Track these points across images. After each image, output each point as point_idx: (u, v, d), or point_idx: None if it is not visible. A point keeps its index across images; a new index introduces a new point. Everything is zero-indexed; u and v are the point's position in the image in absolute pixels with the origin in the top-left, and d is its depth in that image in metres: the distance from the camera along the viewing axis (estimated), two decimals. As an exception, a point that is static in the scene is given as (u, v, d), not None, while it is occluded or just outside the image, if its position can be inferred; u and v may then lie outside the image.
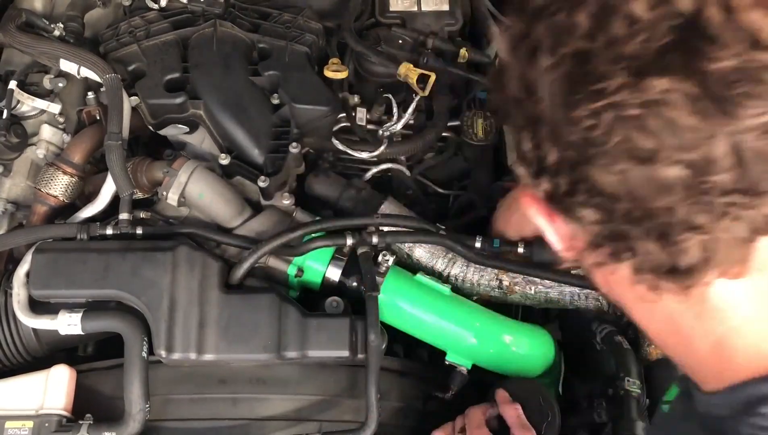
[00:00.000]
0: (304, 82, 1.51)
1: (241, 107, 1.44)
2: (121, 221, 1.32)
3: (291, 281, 1.36)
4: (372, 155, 1.58)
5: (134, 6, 1.58)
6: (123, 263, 1.24)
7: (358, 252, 1.32)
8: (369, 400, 1.18)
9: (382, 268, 1.34)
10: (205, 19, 1.55)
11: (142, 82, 1.46)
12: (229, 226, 1.38)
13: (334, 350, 1.23)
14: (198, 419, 1.25)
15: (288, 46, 1.53)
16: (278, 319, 1.23)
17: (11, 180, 1.46)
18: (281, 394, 1.26)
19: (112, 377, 1.26)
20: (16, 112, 1.47)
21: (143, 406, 1.18)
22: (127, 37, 1.51)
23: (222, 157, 1.38)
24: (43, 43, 1.46)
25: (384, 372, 1.26)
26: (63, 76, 1.51)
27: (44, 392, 1.21)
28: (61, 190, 1.39)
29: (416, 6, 1.72)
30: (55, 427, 1.18)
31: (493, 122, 1.62)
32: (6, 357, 1.30)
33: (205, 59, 1.48)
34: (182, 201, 1.37)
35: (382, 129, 1.60)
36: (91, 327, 1.23)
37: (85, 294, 1.25)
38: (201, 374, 1.27)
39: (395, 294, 1.34)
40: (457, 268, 1.42)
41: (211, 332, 1.21)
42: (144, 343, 1.21)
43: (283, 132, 1.47)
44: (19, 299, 1.26)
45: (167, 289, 1.22)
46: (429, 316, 1.34)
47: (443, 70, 1.63)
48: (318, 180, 1.52)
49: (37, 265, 1.25)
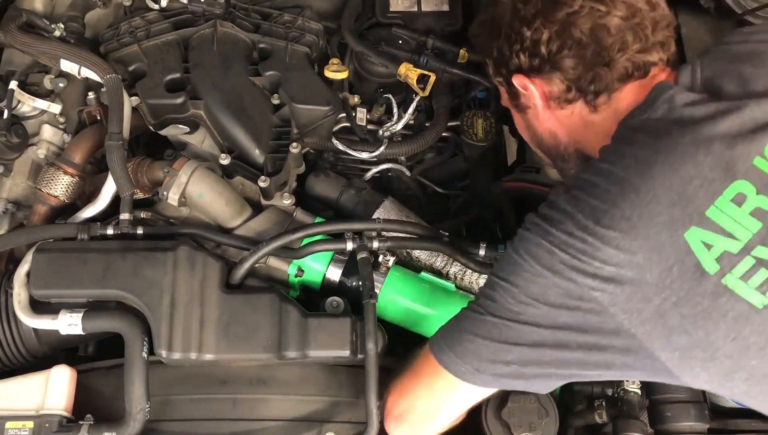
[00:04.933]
0: (305, 82, 1.51)
1: (242, 107, 1.45)
2: (121, 221, 1.32)
3: (291, 281, 1.36)
4: (372, 155, 1.58)
5: (135, 6, 1.58)
6: (123, 263, 1.24)
7: (358, 257, 1.32)
8: (369, 406, 1.19)
9: (383, 269, 1.35)
10: (205, 19, 1.55)
11: (142, 83, 1.46)
12: (230, 226, 1.38)
13: (334, 350, 1.23)
14: (198, 419, 1.25)
15: (288, 47, 1.54)
16: (278, 319, 1.23)
17: (12, 180, 1.46)
18: (281, 395, 1.27)
19: (112, 377, 1.26)
20: (16, 112, 1.47)
21: (144, 406, 1.18)
22: (128, 37, 1.51)
23: (222, 157, 1.38)
24: (43, 44, 1.46)
25: (384, 372, 1.26)
26: (63, 76, 1.51)
27: (44, 392, 1.21)
28: (62, 190, 1.39)
29: (416, 6, 1.72)
30: (56, 427, 1.18)
31: (493, 122, 1.62)
32: (6, 357, 1.30)
33: (206, 59, 1.48)
34: (183, 201, 1.37)
35: (382, 129, 1.60)
36: (91, 327, 1.23)
37: (86, 294, 1.25)
38: (201, 374, 1.27)
39: (399, 291, 1.34)
40: (456, 267, 1.42)
41: (211, 332, 1.22)
42: (144, 343, 1.21)
43: (284, 132, 1.47)
44: (20, 299, 1.26)
45: (168, 289, 1.23)
46: (434, 311, 1.34)
47: (443, 70, 1.63)
48: (318, 180, 1.52)
49: (38, 265, 1.25)
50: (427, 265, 1.43)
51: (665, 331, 0.96)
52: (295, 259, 1.34)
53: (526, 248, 1.03)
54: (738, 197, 0.94)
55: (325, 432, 1.25)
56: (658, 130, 1.01)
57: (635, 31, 1.11)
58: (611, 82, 1.12)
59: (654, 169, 0.97)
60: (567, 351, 1.02)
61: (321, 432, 1.25)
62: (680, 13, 1.81)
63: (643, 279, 0.95)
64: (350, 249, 1.33)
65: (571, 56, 1.12)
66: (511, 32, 1.17)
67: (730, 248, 0.94)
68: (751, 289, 0.94)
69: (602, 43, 1.10)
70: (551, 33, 1.12)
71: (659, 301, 0.95)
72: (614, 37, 1.10)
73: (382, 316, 1.35)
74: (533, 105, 1.21)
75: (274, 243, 1.29)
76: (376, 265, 1.35)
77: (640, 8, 1.11)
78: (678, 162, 0.96)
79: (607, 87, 1.13)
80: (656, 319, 0.96)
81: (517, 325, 1.03)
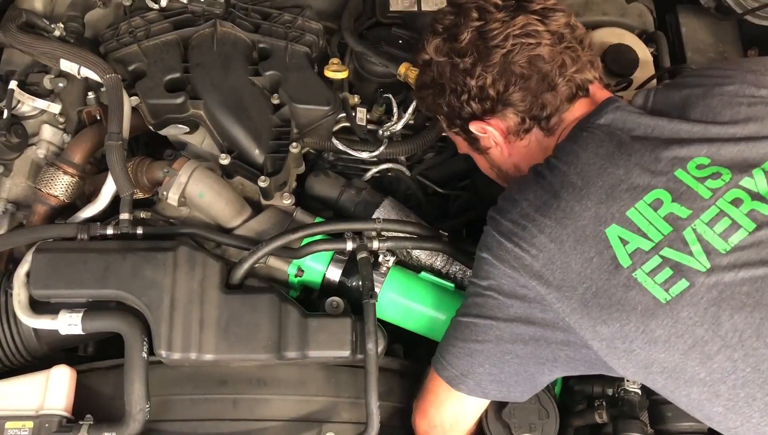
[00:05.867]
0: (305, 82, 1.51)
1: (242, 107, 1.44)
2: (121, 221, 1.32)
3: (291, 281, 1.36)
4: (372, 155, 1.58)
5: (134, 6, 1.58)
6: (123, 263, 1.24)
7: (358, 257, 1.32)
8: (369, 407, 1.19)
9: (383, 269, 1.35)
10: (205, 19, 1.55)
11: (142, 82, 1.46)
12: (230, 226, 1.38)
13: (334, 350, 1.23)
14: (198, 420, 1.25)
15: (288, 47, 1.53)
16: (278, 320, 1.23)
17: (12, 180, 1.47)
18: (281, 395, 1.27)
19: (112, 377, 1.26)
20: (16, 112, 1.47)
21: (143, 407, 1.18)
22: (128, 37, 1.51)
23: (222, 157, 1.38)
24: (43, 43, 1.46)
25: (384, 372, 1.27)
26: (63, 76, 1.51)
27: (44, 392, 1.21)
28: (62, 190, 1.39)
29: (416, 6, 1.72)
30: (56, 427, 1.18)
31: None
32: (6, 357, 1.30)
33: (206, 59, 1.48)
34: (182, 201, 1.37)
35: (382, 129, 1.60)
36: (91, 327, 1.23)
37: (86, 294, 1.25)
38: (201, 375, 1.27)
39: (400, 291, 1.34)
40: (456, 266, 1.42)
41: (211, 332, 1.22)
42: (144, 343, 1.21)
43: (284, 132, 1.47)
44: (20, 299, 1.26)
45: (168, 289, 1.23)
46: (434, 311, 1.35)
47: (443, 70, 1.63)
48: (318, 180, 1.52)
49: (38, 265, 1.25)
50: (427, 265, 1.43)
51: (591, 322, 1.07)
52: (295, 259, 1.34)
53: (484, 241, 1.18)
54: (655, 202, 1.07)
55: (325, 432, 1.25)
56: (600, 135, 1.15)
57: (567, 54, 1.23)
58: (560, 104, 1.23)
59: (591, 170, 1.11)
60: (521, 344, 1.13)
61: (321, 432, 1.25)
62: (680, 13, 1.81)
63: (569, 267, 1.07)
64: (350, 249, 1.33)
65: (518, 90, 1.22)
66: (456, 85, 1.27)
67: (642, 246, 1.06)
68: (656, 285, 1.04)
69: (542, 71, 1.21)
70: (494, 76, 1.22)
71: (582, 290, 1.06)
72: (551, 63, 1.21)
73: (382, 316, 1.35)
74: (495, 143, 1.31)
75: (274, 243, 1.29)
76: (376, 265, 1.35)
77: (563, 33, 1.23)
78: (612, 166, 1.10)
79: (558, 109, 1.23)
80: (582, 309, 1.07)
81: (481, 321, 1.14)
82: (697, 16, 1.79)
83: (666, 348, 1.04)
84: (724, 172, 1.07)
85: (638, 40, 1.71)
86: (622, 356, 1.07)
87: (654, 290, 1.04)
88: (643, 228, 1.06)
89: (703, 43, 1.76)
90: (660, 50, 1.73)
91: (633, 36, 1.72)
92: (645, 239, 1.05)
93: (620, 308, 1.04)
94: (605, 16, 1.76)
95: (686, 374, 1.04)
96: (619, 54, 1.66)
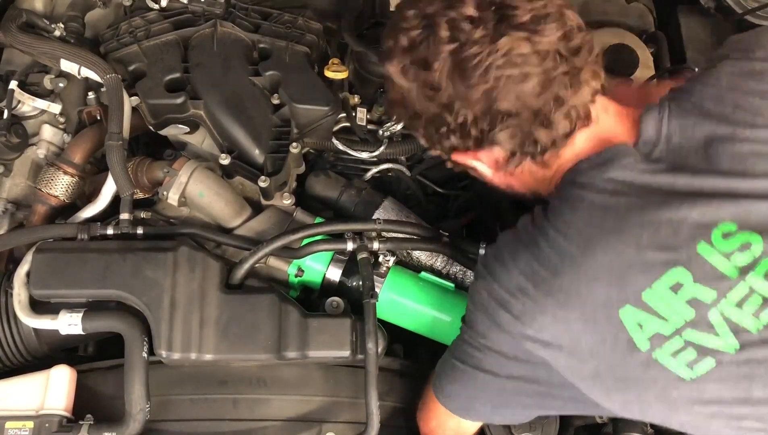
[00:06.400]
0: (305, 82, 1.51)
1: (242, 107, 1.45)
2: (121, 221, 1.32)
3: (291, 281, 1.36)
4: (372, 155, 1.58)
5: (135, 6, 1.58)
6: (123, 263, 1.24)
7: (358, 257, 1.32)
8: (369, 407, 1.19)
9: (383, 269, 1.35)
10: (205, 19, 1.55)
11: (142, 82, 1.46)
12: (230, 226, 1.38)
13: (334, 350, 1.23)
14: (198, 420, 1.25)
15: (288, 47, 1.54)
16: (278, 320, 1.23)
17: (12, 180, 1.47)
18: (281, 395, 1.27)
19: (112, 377, 1.27)
20: (16, 112, 1.47)
21: (144, 407, 1.18)
22: (128, 37, 1.51)
23: (222, 157, 1.38)
24: (43, 43, 1.46)
25: (384, 372, 1.26)
26: (63, 76, 1.51)
27: (45, 392, 1.21)
28: (62, 190, 1.39)
29: (416, 6, 1.72)
30: (56, 427, 1.18)
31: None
32: (6, 357, 1.30)
33: (206, 59, 1.48)
34: (183, 201, 1.37)
35: (382, 129, 1.60)
36: (91, 327, 1.23)
37: (86, 294, 1.25)
38: (201, 375, 1.27)
39: (400, 291, 1.34)
40: (457, 266, 1.42)
41: (211, 332, 1.22)
42: (144, 343, 1.21)
43: (284, 132, 1.47)
44: (20, 299, 1.26)
45: (168, 289, 1.23)
46: (435, 312, 1.34)
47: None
48: (318, 180, 1.52)
49: (38, 265, 1.25)
50: (428, 265, 1.43)
51: (604, 389, 1.01)
52: (295, 259, 1.34)
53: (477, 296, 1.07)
54: (675, 285, 0.95)
55: (325, 432, 1.26)
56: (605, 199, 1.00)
57: (563, 82, 1.00)
58: (557, 139, 1.04)
59: (597, 250, 0.98)
60: (526, 397, 1.09)
61: (321, 432, 1.25)
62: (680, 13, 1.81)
63: (578, 346, 0.99)
64: (350, 249, 1.33)
65: (505, 129, 1.02)
66: (433, 117, 1.06)
67: (662, 331, 0.96)
68: (681, 365, 0.96)
69: (534, 107, 1.00)
70: (476, 113, 1.01)
71: (594, 363, 0.99)
72: (544, 96, 0.99)
73: (382, 316, 1.35)
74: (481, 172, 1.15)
75: (274, 243, 1.29)
76: (376, 266, 1.35)
77: (557, 51, 0.99)
78: (621, 246, 0.97)
79: (554, 144, 1.04)
80: (594, 378, 1.00)
81: (480, 374, 1.08)
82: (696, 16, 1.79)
83: (688, 412, 0.99)
84: (754, 241, 0.94)
85: (638, 40, 1.71)
86: (637, 414, 1.04)
87: (677, 369, 0.96)
88: (662, 313, 0.95)
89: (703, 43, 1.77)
90: (660, 50, 1.73)
91: (633, 36, 1.72)
92: (664, 322, 0.95)
93: (638, 382, 0.98)
94: (605, 16, 1.76)
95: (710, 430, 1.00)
96: (619, 54, 1.66)
